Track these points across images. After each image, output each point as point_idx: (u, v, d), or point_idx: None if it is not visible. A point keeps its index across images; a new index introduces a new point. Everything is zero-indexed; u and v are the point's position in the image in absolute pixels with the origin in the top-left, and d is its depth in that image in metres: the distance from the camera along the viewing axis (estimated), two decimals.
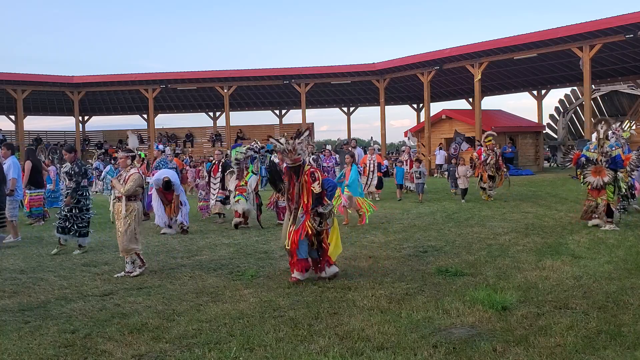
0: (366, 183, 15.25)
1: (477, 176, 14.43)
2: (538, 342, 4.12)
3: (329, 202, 6.40)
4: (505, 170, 14.81)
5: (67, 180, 8.56)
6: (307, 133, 6.68)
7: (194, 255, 8.03)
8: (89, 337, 4.52)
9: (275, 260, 7.47)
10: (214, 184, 11.85)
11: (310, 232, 6.15)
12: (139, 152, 13.14)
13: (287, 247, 6.25)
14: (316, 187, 6.22)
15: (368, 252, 7.79)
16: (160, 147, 13.78)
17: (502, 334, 4.32)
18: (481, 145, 15.97)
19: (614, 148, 9.49)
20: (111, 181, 7.23)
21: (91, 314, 5.17)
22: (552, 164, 32.24)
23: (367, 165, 15.10)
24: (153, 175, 12.04)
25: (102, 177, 17.73)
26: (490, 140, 14.52)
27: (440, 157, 26.43)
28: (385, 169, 16.32)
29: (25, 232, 10.83)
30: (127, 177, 6.86)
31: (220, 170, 11.81)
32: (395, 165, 16.30)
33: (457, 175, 14.20)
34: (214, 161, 12.54)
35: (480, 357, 3.90)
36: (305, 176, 6.25)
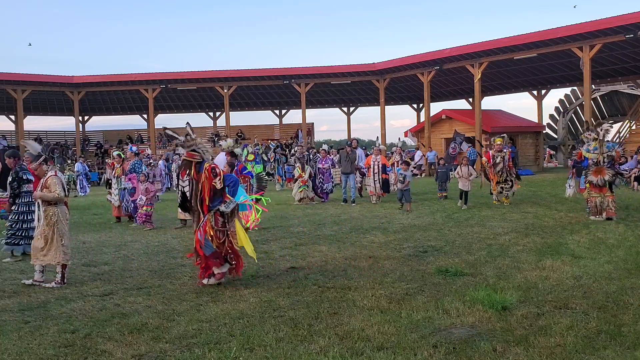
0: (371, 184, 14.95)
1: (493, 181, 13.34)
2: (538, 342, 4.12)
3: (231, 198, 6.18)
4: (514, 171, 13.63)
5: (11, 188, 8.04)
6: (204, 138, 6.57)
7: None
8: (89, 337, 4.52)
9: (275, 260, 7.47)
10: (183, 187, 11.37)
11: (212, 235, 5.99)
12: (118, 152, 12.96)
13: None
14: (217, 183, 6.03)
15: (368, 252, 7.79)
16: (134, 148, 13.48)
17: (502, 334, 4.32)
18: (482, 147, 15.58)
19: (611, 149, 10.38)
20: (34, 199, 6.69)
21: (91, 314, 5.17)
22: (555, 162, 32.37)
23: (372, 166, 14.69)
24: (128, 179, 11.71)
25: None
26: (501, 143, 13.43)
27: (432, 157, 26.44)
28: (390, 171, 15.80)
29: None
30: (45, 183, 6.45)
31: (187, 173, 11.25)
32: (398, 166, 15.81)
33: (458, 176, 13.21)
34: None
35: (480, 357, 3.90)
36: (206, 172, 6.06)
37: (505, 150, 13.36)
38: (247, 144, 22.56)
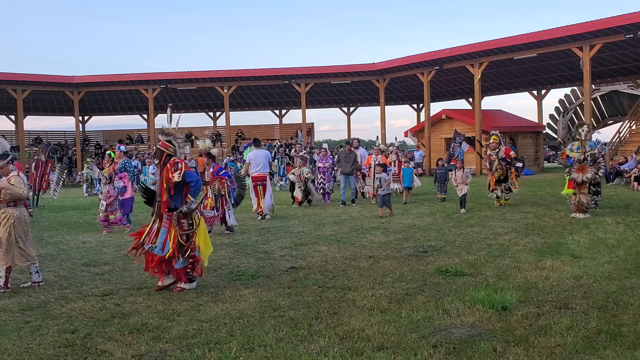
0: (372, 185, 14.65)
1: (492, 181, 13.06)
2: (538, 342, 4.12)
3: (192, 199, 5.99)
4: (514, 172, 13.08)
5: None
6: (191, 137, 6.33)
7: None
8: (89, 337, 4.52)
9: (275, 260, 7.47)
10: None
11: (180, 240, 5.88)
12: (108, 152, 12.89)
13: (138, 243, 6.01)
14: (175, 176, 5.83)
15: (368, 252, 7.79)
16: (122, 148, 13.38)
17: (502, 334, 4.32)
18: (482, 147, 15.36)
19: (594, 148, 10.90)
20: None
21: (91, 314, 5.17)
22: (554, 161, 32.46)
23: (372, 166, 14.48)
24: (118, 178, 11.40)
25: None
26: (495, 140, 13.10)
27: (418, 157, 26.38)
28: (391, 170, 15.47)
29: None
30: (7, 182, 6.19)
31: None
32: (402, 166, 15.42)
33: (454, 183, 12.48)
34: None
35: (480, 357, 3.90)
36: (169, 165, 5.91)
37: (501, 147, 13.02)
38: (250, 144, 22.54)
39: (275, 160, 24.06)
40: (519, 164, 13.36)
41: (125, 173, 11.51)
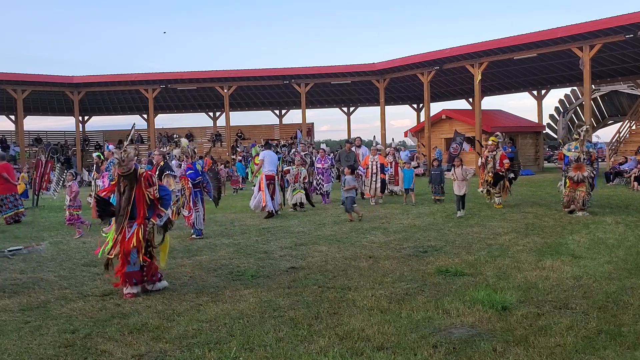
0: (369, 185, 14.56)
1: (480, 178, 13.21)
2: (538, 342, 4.12)
3: (165, 212, 6.05)
4: (507, 179, 12.92)
5: None
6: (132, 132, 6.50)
7: (194, 255, 8.02)
8: (89, 337, 4.52)
9: (275, 260, 7.47)
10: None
11: (140, 241, 5.81)
12: (98, 153, 12.80)
13: (109, 255, 5.91)
14: (152, 192, 5.92)
15: (368, 252, 7.79)
16: (111, 147, 13.27)
17: (502, 334, 4.32)
18: (482, 147, 15.27)
19: (591, 148, 11.24)
20: None
21: (91, 314, 5.17)
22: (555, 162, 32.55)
23: (370, 166, 14.30)
24: (103, 178, 11.30)
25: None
26: (493, 142, 12.90)
27: (404, 158, 26.25)
28: (388, 170, 15.33)
29: (25, 232, 10.85)
30: None
31: (157, 173, 9.59)
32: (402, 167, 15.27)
33: (454, 178, 11.84)
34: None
35: (480, 357, 3.90)
36: (143, 180, 5.91)
37: (498, 151, 12.81)
38: (255, 143, 22.50)
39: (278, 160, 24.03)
40: (511, 175, 13.18)
41: (106, 172, 11.28)
